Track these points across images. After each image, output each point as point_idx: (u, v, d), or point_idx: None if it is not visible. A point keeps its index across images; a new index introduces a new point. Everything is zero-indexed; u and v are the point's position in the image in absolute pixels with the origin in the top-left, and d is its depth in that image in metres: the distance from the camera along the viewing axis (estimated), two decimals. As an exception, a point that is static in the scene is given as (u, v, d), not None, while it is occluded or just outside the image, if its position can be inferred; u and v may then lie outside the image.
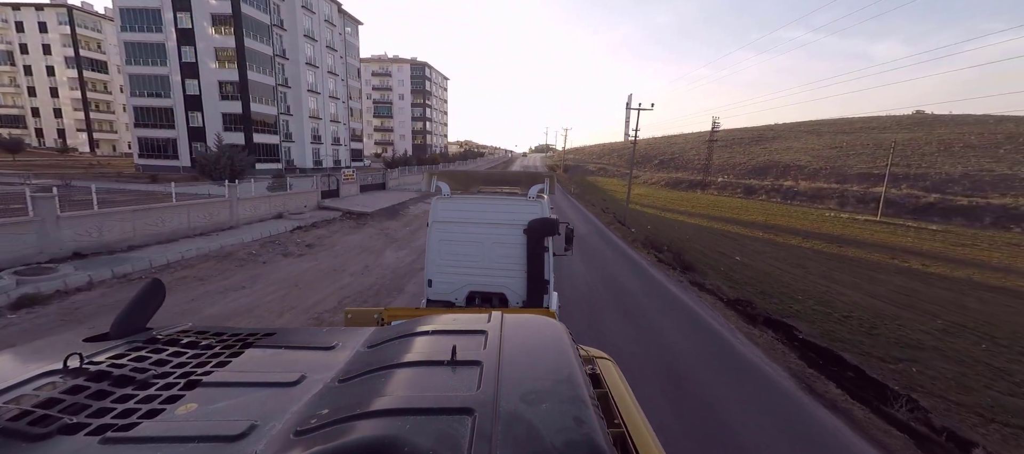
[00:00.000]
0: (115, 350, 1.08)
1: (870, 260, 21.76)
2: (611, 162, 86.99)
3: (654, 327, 8.36)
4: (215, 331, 1.28)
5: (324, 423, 0.72)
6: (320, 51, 43.37)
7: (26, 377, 0.90)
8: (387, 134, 79.43)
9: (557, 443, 0.67)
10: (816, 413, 5.62)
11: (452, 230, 4.83)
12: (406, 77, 76.90)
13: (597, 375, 1.35)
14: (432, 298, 4.93)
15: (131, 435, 0.73)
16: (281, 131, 38.35)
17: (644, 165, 76.27)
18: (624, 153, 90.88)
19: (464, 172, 6.32)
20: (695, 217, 37.60)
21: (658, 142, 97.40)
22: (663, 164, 74.16)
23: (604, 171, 75.53)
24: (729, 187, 50.41)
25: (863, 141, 57.53)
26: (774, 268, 18.96)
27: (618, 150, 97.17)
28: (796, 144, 64.16)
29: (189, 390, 0.91)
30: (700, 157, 69.38)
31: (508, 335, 1.09)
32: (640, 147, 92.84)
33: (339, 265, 11.55)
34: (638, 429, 1.09)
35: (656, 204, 43.74)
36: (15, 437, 0.70)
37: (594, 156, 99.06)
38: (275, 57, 36.78)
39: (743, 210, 40.77)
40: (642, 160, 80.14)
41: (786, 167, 53.18)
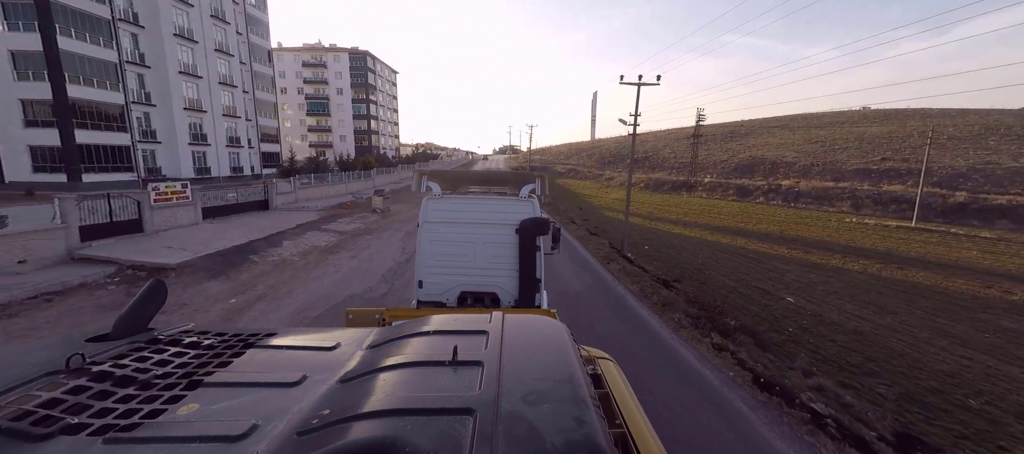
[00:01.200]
0: (117, 350, 1.08)
1: (968, 293, 16.14)
2: (581, 162, 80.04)
3: None
4: (217, 331, 1.28)
5: (326, 423, 0.73)
6: (201, 21, 32.44)
7: (29, 377, 0.91)
8: (324, 135, 68.17)
9: (558, 443, 0.67)
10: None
11: (443, 230, 4.79)
12: (345, 68, 66.08)
13: (598, 375, 1.33)
14: (423, 299, 4.85)
15: (133, 435, 0.74)
16: (136, 127, 27.31)
17: (617, 165, 70.00)
18: (593, 152, 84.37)
19: (453, 172, 6.03)
20: (693, 227, 30.22)
21: (627, 140, 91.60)
22: (637, 163, 67.60)
23: (574, 173, 68.21)
24: (718, 188, 43.90)
25: (842, 135, 53.63)
26: (852, 317, 13.08)
27: (586, 149, 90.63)
28: (773, 139, 59.91)
29: (191, 390, 0.91)
30: (676, 155, 64.05)
31: (509, 335, 1.09)
32: (608, 147, 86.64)
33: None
34: (639, 429, 1.07)
35: (642, 211, 36.25)
36: (18, 437, 0.71)
37: (561, 156, 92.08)
38: (116, 21, 25.77)
39: (745, 216, 33.83)
40: (613, 159, 73.75)
41: (773, 164, 47.90)
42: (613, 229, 26.95)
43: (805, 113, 75.02)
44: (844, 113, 72.92)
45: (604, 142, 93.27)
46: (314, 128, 68.37)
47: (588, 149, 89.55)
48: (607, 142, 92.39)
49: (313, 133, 68.72)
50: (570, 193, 51.45)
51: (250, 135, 39.20)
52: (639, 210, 37.12)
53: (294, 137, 68.01)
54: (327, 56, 66.06)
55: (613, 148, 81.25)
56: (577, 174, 66.74)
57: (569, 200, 44.28)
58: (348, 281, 10.60)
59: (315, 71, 66.52)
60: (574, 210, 34.82)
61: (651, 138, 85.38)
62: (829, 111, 79.27)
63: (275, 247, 13.51)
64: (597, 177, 61.86)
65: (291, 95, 67.07)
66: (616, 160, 72.42)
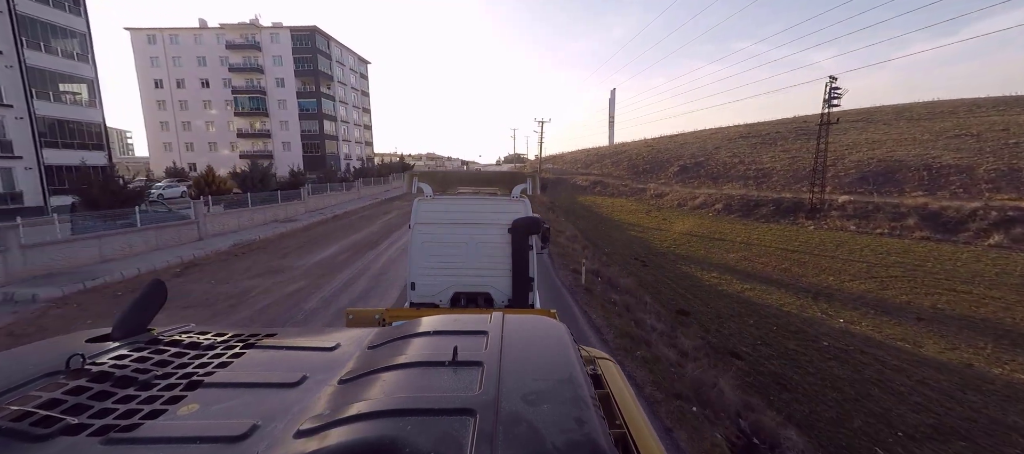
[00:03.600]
0: (117, 351, 1.09)
1: None
2: (605, 172, 62.14)
3: None
4: (217, 331, 1.30)
5: (326, 423, 0.73)
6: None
7: (29, 378, 0.92)
8: (261, 141, 50.96)
9: (558, 444, 0.68)
10: None
11: (435, 231, 4.85)
12: (286, 51, 49.25)
13: (598, 376, 1.35)
14: (415, 301, 4.88)
15: (133, 436, 0.75)
16: None
17: (657, 173, 52.00)
18: (619, 158, 66.56)
19: (443, 173, 6.11)
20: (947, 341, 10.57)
21: (661, 142, 73.10)
22: (688, 171, 49.29)
23: (602, 187, 50.16)
24: (867, 214, 24.96)
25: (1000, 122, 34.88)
26: None
27: (608, 155, 72.92)
28: (891, 133, 41.34)
29: (191, 391, 0.92)
30: (740, 159, 46.15)
31: (509, 335, 1.10)
32: (637, 151, 68.33)
33: None
34: (640, 430, 1.08)
35: (761, 267, 17.43)
36: (18, 438, 0.72)
37: (578, 164, 74.45)
38: None
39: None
40: (650, 166, 55.75)
41: (929, 169, 29.19)
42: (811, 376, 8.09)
43: (928, 100, 56.73)
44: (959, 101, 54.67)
45: (629, 146, 75.28)
46: (246, 133, 51.19)
47: (611, 155, 71.55)
48: (633, 146, 74.40)
49: (245, 139, 51.56)
50: (608, 221, 33.25)
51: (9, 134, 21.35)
52: (755, 266, 18.79)
53: (221, 146, 50.66)
54: (261, 35, 49.17)
55: (646, 153, 63.32)
56: (606, 188, 48.88)
57: (614, 235, 26.13)
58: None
59: (246, 56, 49.60)
60: (654, 272, 16.54)
61: (692, 139, 67.41)
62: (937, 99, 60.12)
63: None
64: (637, 193, 44.01)
65: (215, 89, 50.02)
66: (655, 167, 54.52)
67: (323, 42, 51.48)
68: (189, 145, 51.35)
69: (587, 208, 39.60)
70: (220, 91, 49.86)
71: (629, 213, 35.84)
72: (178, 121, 50.55)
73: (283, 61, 49.62)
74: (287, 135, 51.11)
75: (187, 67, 49.46)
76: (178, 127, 50.67)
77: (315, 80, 50.11)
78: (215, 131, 51.04)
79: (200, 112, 50.54)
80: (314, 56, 49.70)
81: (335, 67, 54.48)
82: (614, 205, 40.03)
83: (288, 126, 50.98)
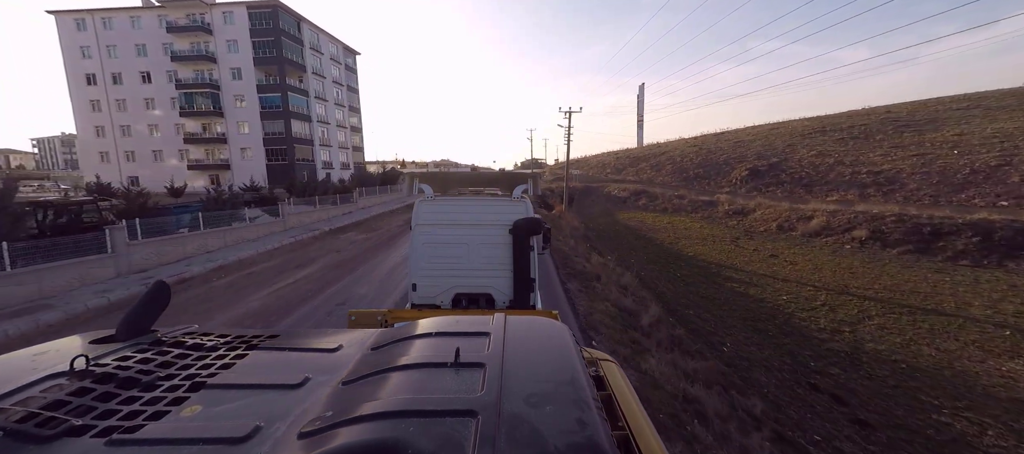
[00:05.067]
0: (121, 352, 1.11)
1: None
2: (645, 177, 50.13)
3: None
4: (219, 333, 1.31)
5: (328, 425, 0.74)
6: None
7: (33, 379, 0.93)
8: (216, 147, 41.13)
9: (560, 445, 0.68)
10: None
11: (436, 232, 4.85)
12: (243, 34, 39.49)
13: (601, 377, 1.35)
14: (417, 302, 4.88)
15: (137, 437, 0.76)
16: None
17: (716, 179, 40.43)
18: (658, 161, 54.89)
19: (444, 174, 6.30)
20: None
21: (706, 141, 60.89)
22: (761, 176, 37.39)
23: (646, 197, 38.28)
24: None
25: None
26: None
27: (643, 157, 61.15)
28: (979, 126, 28.93)
29: (194, 392, 0.93)
30: (835, 157, 34.54)
31: (511, 337, 1.11)
32: (682, 151, 56.24)
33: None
34: (642, 432, 1.07)
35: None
36: (22, 439, 0.73)
37: (607, 169, 62.83)
38: None
39: None
40: (704, 172, 43.85)
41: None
42: None
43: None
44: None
45: (666, 147, 63.23)
46: (197, 137, 41.42)
47: (646, 157, 59.71)
48: (672, 147, 62.35)
49: (197, 145, 41.82)
50: (678, 258, 21.58)
51: None
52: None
53: (168, 154, 40.94)
54: (212, 14, 39.47)
55: (692, 154, 51.38)
56: (654, 201, 37.23)
57: (703, 290, 14.13)
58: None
59: (194, 40, 40.00)
60: None
61: (747, 136, 55.38)
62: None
63: None
64: (701, 207, 32.34)
65: (158, 84, 40.47)
66: (711, 171, 42.74)
67: (290, 22, 41.56)
68: (130, 154, 42.08)
69: (637, 233, 28.03)
70: (165, 87, 40.43)
71: (705, 242, 24.10)
72: (116, 125, 41.36)
73: (239, 47, 39.88)
74: (247, 139, 41.23)
75: (124, 58, 40.25)
76: (116, 133, 41.47)
77: (279, 69, 40.14)
78: (160, 136, 41.60)
79: (141, 113, 41.20)
80: (278, 40, 39.78)
81: (309, 55, 44.55)
82: (675, 227, 28.33)
83: (248, 128, 41.08)
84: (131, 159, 42.15)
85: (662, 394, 6.34)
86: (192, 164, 41.27)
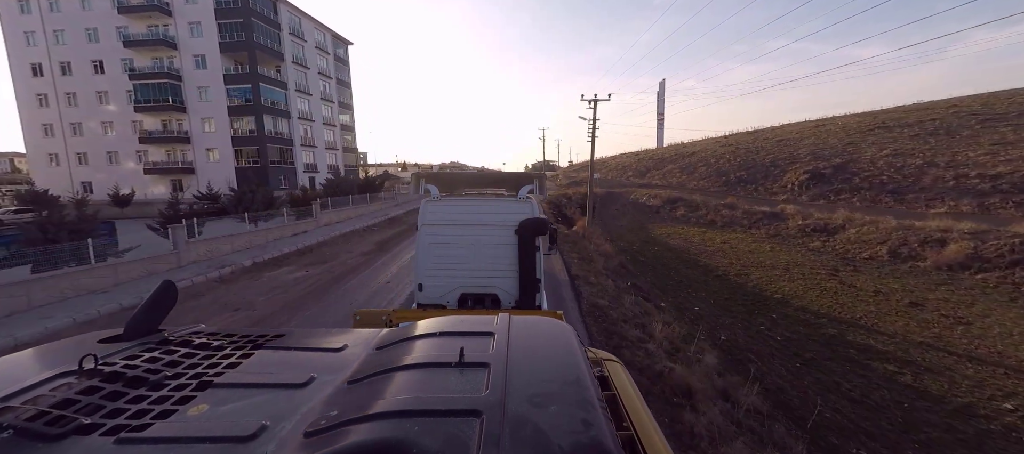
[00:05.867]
0: (129, 351, 1.11)
1: None
2: (673, 182, 43.73)
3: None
4: (226, 332, 1.31)
5: (334, 424, 0.75)
6: None
7: (43, 378, 0.94)
8: (178, 148, 35.62)
9: (565, 446, 0.68)
10: None
11: (442, 232, 4.86)
12: (207, 14, 34.06)
13: (605, 377, 1.33)
14: (423, 302, 4.90)
15: (144, 435, 0.76)
16: None
17: (766, 184, 33.99)
18: (689, 164, 48.60)
19: (450, 174, 6.31)
20: None
21: (741, 139, 54.20)
22: (825, 180, 30.60)
23: (686, 209, 31.56)
24: None
25: None
26: None
27: (669, 159, 54.62)
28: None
29: (201, 391, 0.93)
30: (921, 156, 28.17)
31: (516, 337, 1.11)
32: (715, 152, 49.74)
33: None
34: (647, 432, 1.07)
35: None
36: (32, 437, 0.74)
37: (628, 172, 56.29)
38: None
39: None
40: (748, 175, 37.31)
41: None
42: None
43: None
44: None
45: (692, 147, 56.53)
46: (156, 136, 35.97)
47: (673, 159, 53.14)
48: (702, 146, 55.65)
49: (156, 146, 36.38)
50: (759, 300, 14.47)
51: None
52: None
53: (125, 156, 35.55)
54: (171, -8, 33.80)
55: (729, 155, 44.69)
56: (695, 211, 30.66)
57: (841, 377, 7.38)
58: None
59: (151, 23, 34.61)
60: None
61: (793, 133, 48.90)
62: None
63: None
64: (759, 221, 25.82)
65: (112, 75, 35.15)
66: (757, 174, 36.15)
67: (264, 2, 35.83)
68: (82, 157, 36.80)
69: (684, 257, 21.54)
70: (119, 78, 35.05)
71: (789, 275, 17.52)
72: (65, 122, 36.13)
73: (202, 29, 34.30)
74: (213, 138, 35.60)
75: (74, 44, 35.01)
76: (66, 131, 36.21)
77: (250, 57, 34.45)
78: (115, 135, 36.23)
79: (94, 108, 35.88)
80: (248, 21, 34.08)
81: (288, 42, 38.89)
82: (735, 249, 21.75)
83: (214, 125, 35.44)
84: (83, 162, 36.85)
85: None
86: (150, 167, 35.75)
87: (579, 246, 18.53)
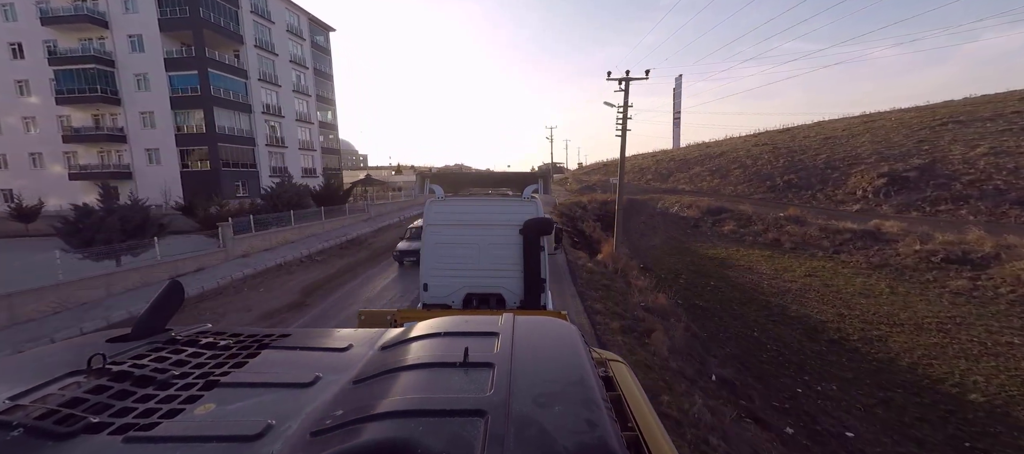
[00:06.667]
0: (136, 351, 1.12)
1: None
2: (703, 186, 37.49)
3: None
4: (232, 332, 1.32)
5: (339, 424, 0.76)
6: None
7: (52, 377, 0.95)
8: (113, 148, 29.52)
9: (570, 446, 0.68)
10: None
11: (447, 232, 4.88)
12: (144, -13, 27.70)
13: (610, 378, 1.33)
14: (428, 302, 4.91)
15: (152, 434, 0.77)
16: None
17: (826, 188, 27.28)
18: (722, 166, 41.62)
19: (455, 174, 6.35)
20: None
21: (777, 138, 47.81)
22: (907, 186, 23.16)
23: (736, 223, 24.69)
24: None
25: None
26: None
27: (695, 161, 48.32)
28: None
29: (207, 390, 0.94)
30: (1002, 156, 21.40)
31: (520, 337, 1.11)
32: (750, 152, 43.37)
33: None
34: (652, 433, 1.07)
35: None
36: (42, 436, 0.75)
37: (648, 175, 49.93)
38: None
39: None
40: (801, 179, 30.87)
41: None
42: None
43: None
44: None
45: (725, 146, 49.99)
46: (84, 134, 29.96)
47: (701, 160, 46.76)
48: (734, 144, 49.05)
49: (86, 145, 30.33)
50: (941, 412, 7.47)
51: None
52: None
53: (50, 158, 29.49)
54: (99, -42, 27.72)
55: (768, 156, 38.35)
56: (746, 226, 24.19)
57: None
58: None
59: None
60: None
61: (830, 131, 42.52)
62: None
63: None
64: (857, 243, 19.06)
65: (34, 60, 29.04)
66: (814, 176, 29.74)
67: (217, -27, 29.79)
68: (1, 160, 30.70)
69: (761, 299, 15.17)
70: (42, 64, 29.07)
71: (948, 338, 10.99)
72: (-20, 118, 30.05)
73: (138, 4, 28.19)
74: (154, 136, 29.54)
75: (-13, 24, 28.97)
76: (-19, 128, 30.15)
77: (196, 37, 28.39)
78: (39, 134, 30.31)
79: (13, 101, 29.93)
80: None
81: (249, 22, 32.85)
82: (834, 288, 15.38)
83: (155, 121, 29.36)
84: (3, 166, 30.91)
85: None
86: (77, 172, 29.75)
87: (614, 292, 12.25)
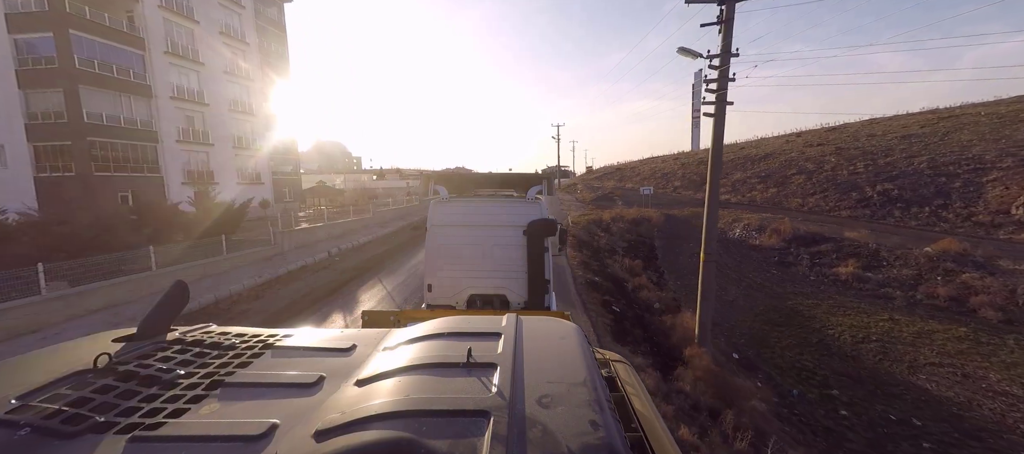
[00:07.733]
0: (142, 350, 1.13)
1: None
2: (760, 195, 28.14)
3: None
4: (237, 332, 1.32)
5: (343, 424, 0.76)
6: None
7: (58, 376, 0.96)
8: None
9: (573, 447, 0.69)
10: None
11: (451, 233, 4.90)
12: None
13: (613, 378, 1.34)
14: (432, 303, 4.95)
15: (157, 434, 0.78)
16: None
17: (951, 200, 17.89)
18: (780, 172, 32.71)
19: (459, 176, 6.43)
20: None
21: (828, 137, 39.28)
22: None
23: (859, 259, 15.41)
24: None
25: None
26: None
27: (736, 161, 39.55)
28: None
29: (212, 390, 0.95)
30: None
31: (523, 337, 1.12)
32: (802, 152, 34.60)
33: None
34: (656, 434, 1.06)
35: None
36: (49, 435, 0.76)
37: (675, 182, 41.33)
38: None
39: None
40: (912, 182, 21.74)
41: None
42: None
43: None
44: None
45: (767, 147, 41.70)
46: None
47: (740, 163, 38.83)
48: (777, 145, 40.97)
49: None
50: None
51: None
52: None
53: None
54: None
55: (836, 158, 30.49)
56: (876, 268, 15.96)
57: None
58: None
59: None
60: None
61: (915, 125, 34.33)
62: None
63: None
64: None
65: None
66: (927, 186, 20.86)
67: None
68: None
69: None
70: None
71: None
72: None
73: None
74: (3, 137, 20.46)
75: None
76: None
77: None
78: None
79: None
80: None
81: (150, -27, 23.78)
82: None
83: (6, 122, 20.33)
84: None
85: None
86: None
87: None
